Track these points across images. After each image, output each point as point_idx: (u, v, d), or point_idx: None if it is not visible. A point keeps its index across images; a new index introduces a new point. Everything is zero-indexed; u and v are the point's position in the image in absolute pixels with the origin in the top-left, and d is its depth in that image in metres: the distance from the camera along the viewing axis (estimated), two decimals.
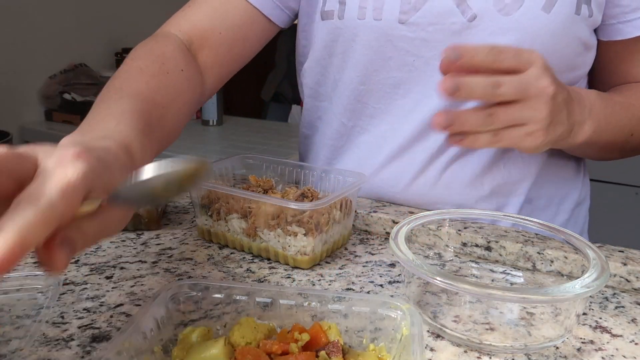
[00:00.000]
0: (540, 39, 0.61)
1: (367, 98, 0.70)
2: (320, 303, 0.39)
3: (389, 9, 0.64)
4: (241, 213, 0.57)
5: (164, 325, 0.38)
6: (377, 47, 0.66)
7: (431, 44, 0.64)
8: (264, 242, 0.56)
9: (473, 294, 0.40)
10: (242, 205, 0.57)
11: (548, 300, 0.39)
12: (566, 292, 0.38)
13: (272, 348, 0.36)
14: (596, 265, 0.41)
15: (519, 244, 0.56)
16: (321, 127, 0.78)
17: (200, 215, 0.60)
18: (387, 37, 0.65)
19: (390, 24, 0.64)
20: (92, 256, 0.57)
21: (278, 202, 0.54)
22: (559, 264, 0.54)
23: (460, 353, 0.41)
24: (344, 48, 0.69)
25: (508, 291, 0.39)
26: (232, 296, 0.40)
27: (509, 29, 0.61)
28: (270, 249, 0.56)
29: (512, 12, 0.61)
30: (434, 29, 0.63)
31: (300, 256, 0.54)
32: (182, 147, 1.81)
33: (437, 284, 0.40)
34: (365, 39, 0.66)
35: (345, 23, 0.67)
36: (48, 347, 0.41)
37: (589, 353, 0.42)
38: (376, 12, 0.65)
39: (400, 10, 0.64)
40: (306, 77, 0.76)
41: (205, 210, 0.60)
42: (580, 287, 0.39)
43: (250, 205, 0.56)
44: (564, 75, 0.63)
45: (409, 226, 0.49)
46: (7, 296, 0.45)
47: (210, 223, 0.60)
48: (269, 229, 0.55)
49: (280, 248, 0.55)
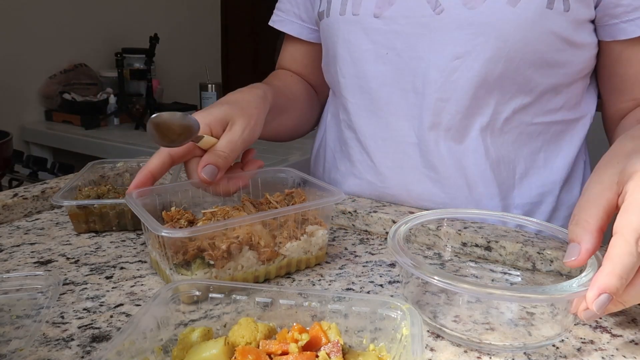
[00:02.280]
0: (505, 33, 0.61)
1: (346, 92, 0.73)
2: (320, 303, 0.39)
3: (365, 4, 0.68)
4: (247, 243, 0.50)
5: (164, 325, 0.38)
6: (354, 40, 0.70)
7: (402, 36, 0.66)
8: (285, 258, 0.52)
9: (471, 293, 0.41)
10: (248, 232, 0.50)
11: (546, 299, 0.40)
12: (563, 291, 0.38)
13: (272, 348, 0.36)
14: (593, 264, 0.42)
15: (519, 243, 0.56)
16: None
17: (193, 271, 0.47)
18: (363, 30, 0.68)
19: (366, 18, 0.68)
20: (92, 256, 0.57)
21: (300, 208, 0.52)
22: (559, 263, 0.54)
23: (460, 353, 0.41)
24: (332, 44, 0.73)
25: (506, 290, 0.39)
26: (232, 296, 0.40)
27: (473, 22, 0.62)
28: (292, 262, 0.53)
29: (477, 5, 0.62)
30: (405, 21, 0.66)
31: (319, 251, 0.55)
32: None
33: (435, 284, 0.40)
34: (345, 34, 0.70)
35: (331, 20, 0.71)
36: (48, 347, 0.41)
37: (589, 353, 0.42)
38: (355, 7, 0.69)
39: (375, 4, 0.67)
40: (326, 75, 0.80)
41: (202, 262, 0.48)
42: (577, 285, 0.39)
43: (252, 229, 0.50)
44: (544, 71, 0.64)
45: (408, 225, 0.49)
46: (7, 296, 0.45)
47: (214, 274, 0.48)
48: (291, 241, 0.52)
49: (303, 254, 0.54)
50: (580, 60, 0.67)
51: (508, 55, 0.62)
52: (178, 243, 0.47)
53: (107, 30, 2.32)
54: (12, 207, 0.67)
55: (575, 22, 0.63)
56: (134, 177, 0.54)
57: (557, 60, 0.65)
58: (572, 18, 0.62)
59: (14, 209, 0.67)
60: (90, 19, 2.25)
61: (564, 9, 0.61)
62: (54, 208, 0.71)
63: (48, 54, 2.10)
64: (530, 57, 0.63)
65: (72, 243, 0.60)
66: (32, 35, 2.04)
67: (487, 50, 0.62)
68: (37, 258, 0.56)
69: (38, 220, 0.67)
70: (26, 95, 2.08)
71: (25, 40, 2.03)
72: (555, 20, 0.62)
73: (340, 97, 0.75)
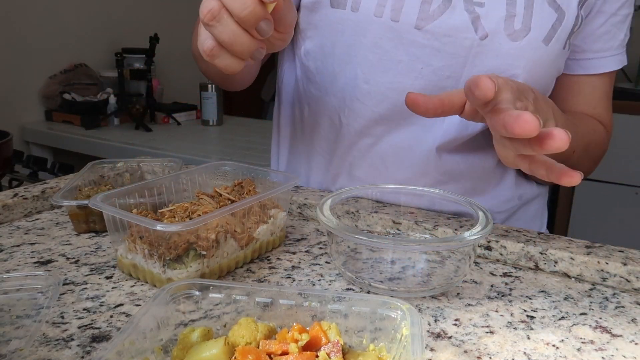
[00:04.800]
0: (537, 68, 0.66)
1: (368, 99, 0.69)
2: (320, 303, 0.39)
3: (407, 12, 0.64)
4: (228, 231, 0.52)
5: (164, 325, 0.38)
6: (389, 47, 0.66)
7: (441, 55, 0.65)
8: (257, 241, 0.56)
9: (380, 246, 0.51)
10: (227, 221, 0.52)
11: (449, 247, 0.50)
12: (459, 240, 0.47)
13: (272, 348, 0.36)
14: (482, 221, 0.49)
15: (520, 243, 0.56)
16: (306, 114, 0.77)
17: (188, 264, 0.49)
18: (400, 39, 0.65)
19: (406, 27, 0.64)
20: (92, 256, 0.57)
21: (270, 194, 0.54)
22: (563, 265, 0.54)
23: (460, 353, 0.41)
24: (352, 41, 0.67)
25: (414, 243, 0.52)
26: (232, 296, 0.40)
27: (514, 55, 0.64)
28: (263, 244, 0.58)
29: (519, 39, 0.64)
30: (447, 40, 0.64)
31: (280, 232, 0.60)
32: (182, 147, 1.82)
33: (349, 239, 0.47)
34: (377, 37, 0.66)
35: (359, 17, 0.66)
36: (48, 347, 0.41)
37: (589, 353, 0.42)
38: (394, 12, 0.64)
39: (418, 16, 0.64)
40: (309, 60, 0.74)
41: (195, 254, 0.49)
42: (470, 235, 0.47)
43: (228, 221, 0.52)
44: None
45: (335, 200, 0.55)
46: (7, 296, 0.45)
47: (206, 264, 0.50)
48: (260, 225, 0.56)
49: (270, 235, 0.58)
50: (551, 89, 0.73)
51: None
52: (174, 238, 0.48)
53: (107, 30, 2.33)
54: (12, 207, 0.67)
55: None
56: (134, 177, 0.54)
57: (549, 90, 0.72)
58: (566, 55, 0.70)
59: (14, 209, 0.67)
60: (90, 19, 2.25)
61: (568, 48, 0.68)
62: (54, 208, 0.71)
63: (48, 54, 2.10)
64: (541, 90, 0.65)
65: (72, 243, 0.60)
66: (32, 36, 2.05)
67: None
68: (37, 258, 0.56)
69: (38, 220, 0.67)
70: (26, 95, 2.09)
71: (26, 40, 2.03)
72: (563, 59, 0.70)
73: (354, 101, 0.71)
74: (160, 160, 0.75)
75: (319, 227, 0.66)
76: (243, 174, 0.64)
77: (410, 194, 0.62)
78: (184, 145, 1.85)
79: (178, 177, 0.61)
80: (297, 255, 0.58)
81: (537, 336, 0.44)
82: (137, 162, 0.76)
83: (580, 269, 0.54)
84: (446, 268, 0.54)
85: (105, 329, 0.43)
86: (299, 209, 0.70)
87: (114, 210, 0.50)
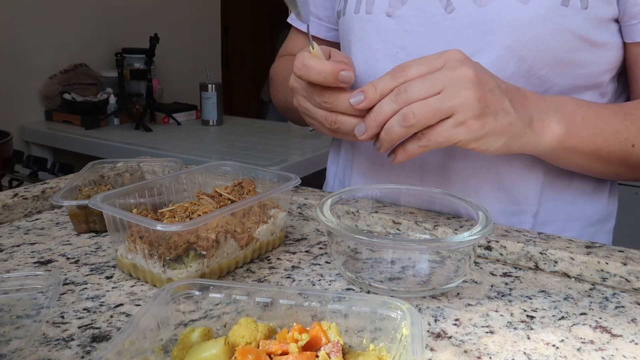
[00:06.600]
0: (515, 31, 0.60)
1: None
2: (320, 303, 0.39)
3: (379, 2, 0.68)
4: (228, 231, 0.52)
5: (164, 325, 0.38)
6: (367, 39, 0.69)
7: (413, 35, 0.66)
8: (257, 241, 0.56)
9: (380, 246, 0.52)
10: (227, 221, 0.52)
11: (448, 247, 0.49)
12: (459, 240, 0.47)
13: (272, 348, 0.36)
14: (482, 221, 0.49)
15: (520, 243, 0.56)
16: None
17: (188, 264, 0.49)
18: (376, 29, 0.68)
19: (378, 17, 0.68)
20: (92, 256, 0.57)
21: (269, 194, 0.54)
22: (564, 264, 0.54)
23: (460, 353, 0.41)
24: (347, 42, 0.73)
25: (414, 243, 0.51)
26: (232, 296, 0.40)
27: (482, 21, 0.61)
28: (263, 244, 0.57)
29: (487, 3, 0.60)
30: (416, 20, 0.65)
31: (281, 232, 0.60)
32: (182, 147, 1.82)
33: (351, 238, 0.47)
34: (358, 32, 0.70)
35: (346, 18, 0.72)
36: (48, 347, 0.41)
37: (589, 353, 0.42)
38: (368, 6, 0.69)
39: (388, 3, 0.67)
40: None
41: (195, 254, 0.49)
42: (469, 235, 0.47)
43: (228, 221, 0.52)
44: (560, 71, 0.61)
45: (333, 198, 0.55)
46: (7, 296, 0.45)
47: (206, 264, 0.50)
48: (260, 225, 0.56)
49: (270, 235, 0.58)
50: (603, 61, 0.63)
51: (519, 54, 0.60)
52: (174, 238, 0.48)
53: (107, 30, 2.33)
54: (12, 207, 0.67)
55: (595, 20, 0.60)
56: (134, 177, 0.54)
57: (574, 60, 0.61)
58: (592, 16, 0.59)
59: (14, 209, 0.67)
60: (90, 19, 2.26)
61: (582, 6, 0.59)
62: (54, 208, 0.71)
63: (48, 54, 2.11)
64: (545, 57, 0.60)
65: (72, 243, 0.60)
66: (32, 35, 2.05)
67: (496, 49, 0.60)
68: (37, 258, 0.56)
69: (38, 220, 0.67)
70: (26, 95, 2.09)
71: (26, 40, 2.03)
72: (572, 17, 0.59)
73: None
74: (160, 160, 0.75)
75: (319, 227, 0.66)
76: (243, 174, 0.64)
77: (410, 194, 0.62)
78: (184, 145, 1.85)
79: (178, 177, 0.62)
80: (297, 255, 0.58)
81: (537, 336, 0.44)
82: (137, 162, 0.76)
83: (580, 269, 0.54)
84: (446, 268, 0.54)
85: (105, 329, 0.43)
86: (299, 209, 0.70)
87: (114, 210, 0.50)
